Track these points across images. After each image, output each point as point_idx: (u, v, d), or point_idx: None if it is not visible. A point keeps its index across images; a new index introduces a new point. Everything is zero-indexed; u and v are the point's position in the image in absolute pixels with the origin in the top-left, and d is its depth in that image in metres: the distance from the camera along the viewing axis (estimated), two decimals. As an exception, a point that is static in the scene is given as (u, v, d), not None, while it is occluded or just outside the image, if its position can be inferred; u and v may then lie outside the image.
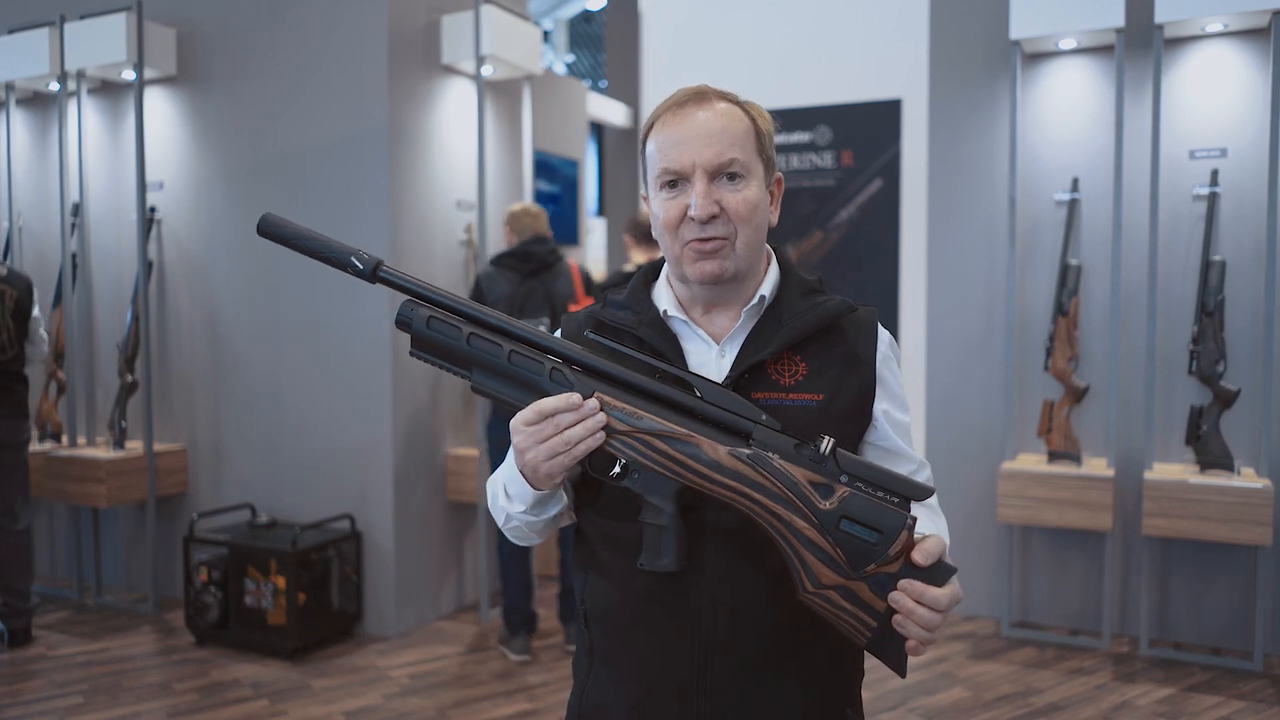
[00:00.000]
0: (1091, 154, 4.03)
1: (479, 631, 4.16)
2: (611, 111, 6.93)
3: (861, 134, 6.03)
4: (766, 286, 1.24)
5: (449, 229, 4.45)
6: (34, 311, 4.06)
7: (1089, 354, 4.03)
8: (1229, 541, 3.57)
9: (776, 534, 1.07)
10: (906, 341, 5.49)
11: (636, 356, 1.14)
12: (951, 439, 4.29)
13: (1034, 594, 4.20)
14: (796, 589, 1.08)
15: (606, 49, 7.53)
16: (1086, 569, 4.09)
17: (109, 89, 4.69)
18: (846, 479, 1.07)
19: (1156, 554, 3.93)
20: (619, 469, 1.13)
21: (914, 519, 1.06)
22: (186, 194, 4.51)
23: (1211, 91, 3.83)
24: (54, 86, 4.70)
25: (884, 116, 5.96)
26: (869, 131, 6.01)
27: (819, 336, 1.22)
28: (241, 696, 3.48)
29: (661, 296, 1.27)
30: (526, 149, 4.79)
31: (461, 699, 3.47)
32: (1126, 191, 3.89)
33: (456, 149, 4.45)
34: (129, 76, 4.47)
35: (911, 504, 1.08)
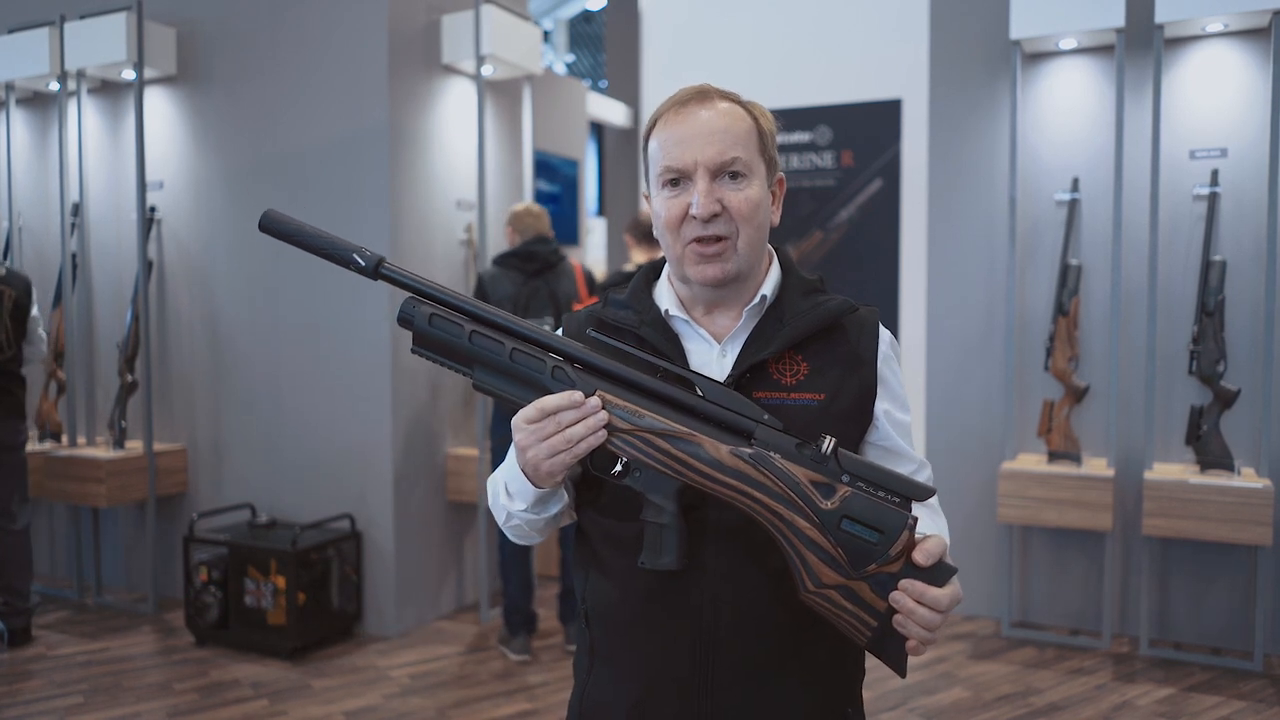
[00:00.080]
0: (1091, 154, 4.03)
1: (479, 631, 4.16)
2: (611, 111, 6.93)
3: (861, 134, 6.03)
4: (768, 286, 1.24)
5: (449, 229, 4.45)
6: (32, 311, 4.06)
7: (1089, 354, 4.03)
8: (1229, 541, 3.57)
9: (778, 533, 1.07)
10: (907, 341, 5.49)
11: (639, 355, 1.14)
12: (951, 439, 4.29)
13: (1034, 594, 4.20)
14: (797, 588, 1.08)
15: (606, 49, 7.53)
16: (1086, 569, 4.09)
17: (109, 89, 4.69)
18: (848, 479, 1.07)
19: (1156, 554, 3.94)
20: (620, 467, 1.13)
21: (915, 519, 1.06)
22: (186, 194, 4.51)
23: (1211, 91, 3.83)
24: (54, 86, 4.70)
25: (884, 116, 5.97)
26: (869, 131, 6.01)
27: (820, 336, 1.22)
28: (241, 696, 3.48)
29: (663, 296, 1.27)
30: (526, 149, 4.79)
31: (461, 699, 3.47)
32: (1126, 191, 3.90)
33: (456, 149, 4.45)
34: (129, 76, 4.47)
35: (912, 504, 1.08)
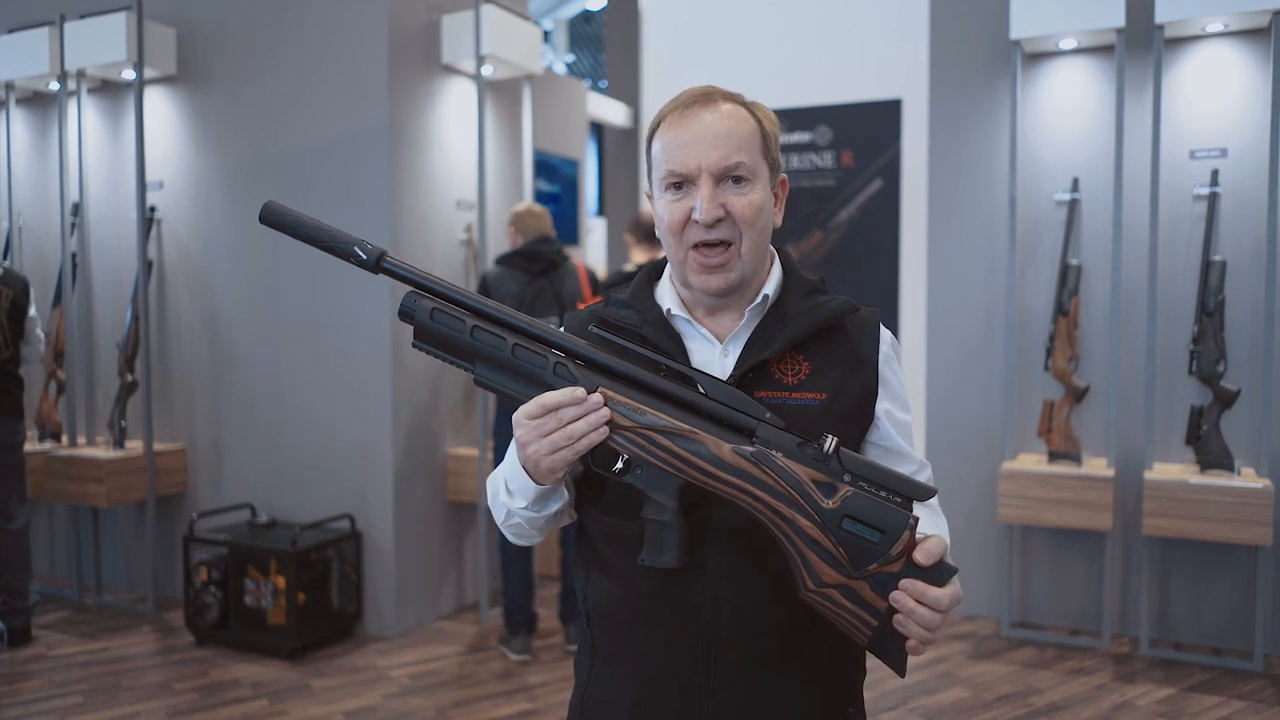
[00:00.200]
0: (1091, 154, 4.03)
1: (479, 631, 4.16)
2: (611, 111, 6.93)
3: (861, 134, 6.03)
4: (770, 286, 1.24)
5: (449, 229, 4.45)
6: (30, 311, 4.05)
7: (1089, 354, 4.03)
8: (1229, 541, 3.57)
9: (779, 532, 1.07)
10: (907, 341, 5.49)
11: (641, 353, 1.14)
12: (951, 439, 4.29)
13: (1034, 594, 4.20)
14: (798, 587, 1.08)
15: (606, 49, 7.53)
16: (1086, 569, 4.09)
17: (109, 88, 4.68)
18: (849, 478, 1.07)
19: (1156, 554, 3.94)
20: (621, 464, 1.13)
21: (916, 519, 1.06)
22: (186, 194, 4.51)
23: (1211, 91, 3.83)
24: (54, 86, 4.70)
25: (884, 116, 5.97)
26: (869, 131, 6.01)
27: (822, 336, 1.22)
28: (241, 696, 3.48)
29: (664, 296, 1.27)
30: (526, 149, 4.79)
31: (461, 699, 3.47)
32: (1126, 191, 3.90)
33: (456, 149, 4.45)
34: (129, 76, 4.47)
35: (913, 504, 1.08)
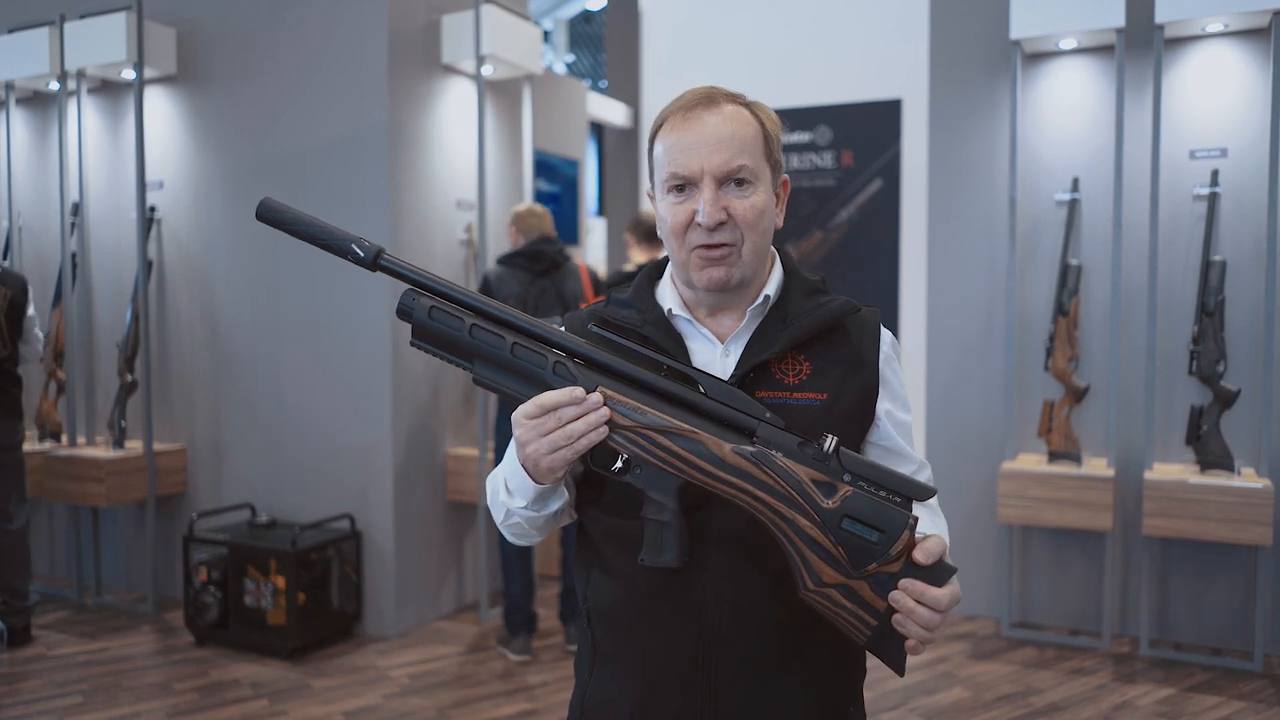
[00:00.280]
0: (1091, 154, 4.03)
1: (479, 631, 4.16)
2: (611, 111, 6.93)
3: (861, 134, 6.03)
4: (771, 286, 1.24)
5: (449, 229, 4.45)
6: (29, 310, 4.05)
7: (1089, 354, 4.03)
8: (1229, 541, 3.57)
9: (779, 531, 1.07)
10: (907, 341, 5.49)
11: (642, 352, 1.14)
12: (951, 439, 4.29)
13: (1034, 594, 4.20)
14: (798, 587, 1.08)
15: (606, 49, 7.53)
16: (1086, 569, 4.09)
17: (109, 88, 4.68)
18: (849, 478, 1.07)
19: (1156, 554, 3.94)
20: (621, 464, 1.13)
21: (916, 519, 1.06)
22: (186, 194, 4.51)
23: (1211, 91, 3.83)
24: (54, 86, 4.70)
25: (884, 116, 5.97)
26: (869, 131, 6.01)
27: (823, 336, 1.22)
28: (241, 696, 3.48)
29: (666, 296, 1.27)
30: (526, 149, 4.79)
31: (461, 699, 3.47)
32: (1126, 191, 3.90)
33: (456, 149, 4.45)
34: (129, 76, 4.47)
35: (912, 504, 1.08)
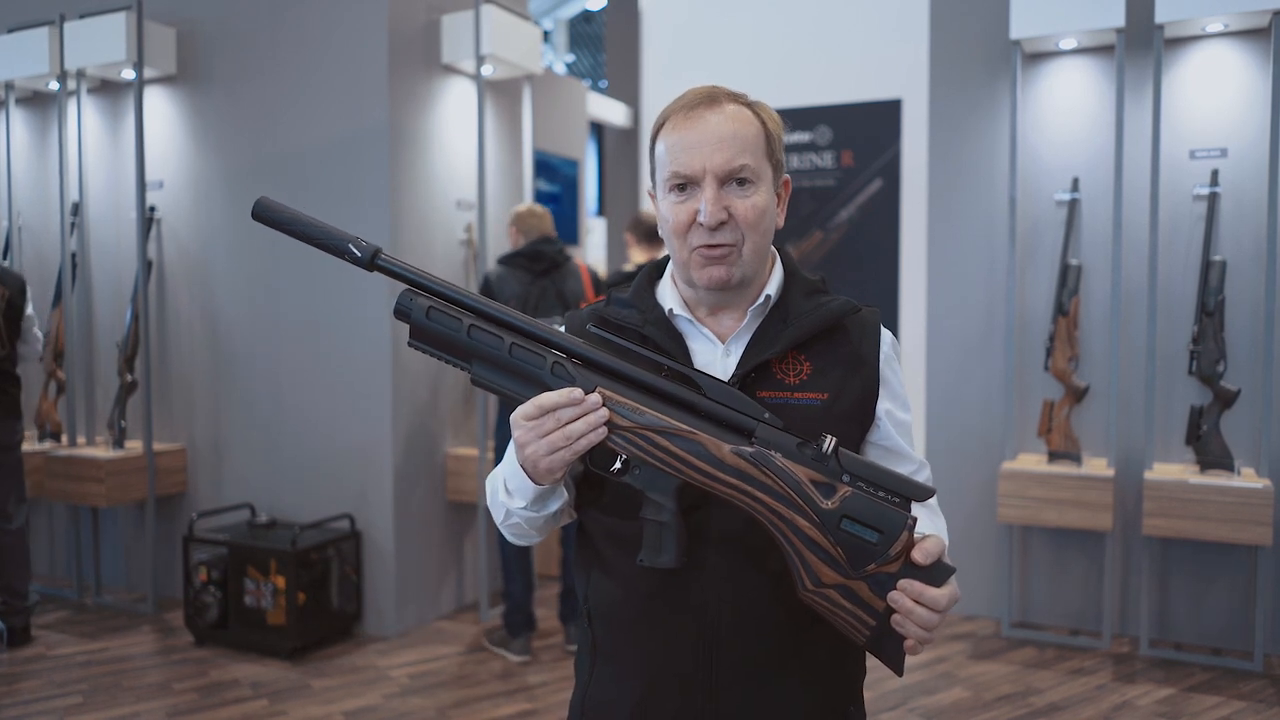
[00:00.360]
0: (1091, 154, 4.03)
1: (479, 631, 4.16)
2: (611, 111, 6.93)
3: (861, 134, 6.03)
4: (771, 286, 1.24)
5: (449, 229, 4.45)
6: (27, 310, 4.05)
7: (1089, 354, 4.03)
8: (1229, 541, 3.57)
9: (778, 532, 1.07)
10: (906, 341, 5.49)
11: (641, 353, 1.14)
12: (951, 439, 4.29)
13: (1034, 594, 4.20)
14: (796, 587, 1.08)
15: (606, 49, 7.53)
16: (1086, 569, 4.09)
17: (109, 88, 4.68)
18: (848, 478, 1.07)
19: (1156, 554, 3.93)
20: (620, 464, 1.13)
21: (914, 519, 1.06)
22: (186, 193, 4.51)
23: (1211, 91, 3.83)
24: (54, 86, 4.70)
25: (884, 116, 5.97)
26: (869, 131, 6.01)
27: (823, 336, 1.22)
28: (241, 696, 3.48)
29: (666, 295, 1.27)
30: (526, 149, 4.79)
31: (461, 699, 3.47)
32: (1126, 191, 3.89)
33: (456, 149, 4.45)
34: (129, 76, 4.47)
35: (911, 504, 1.08)
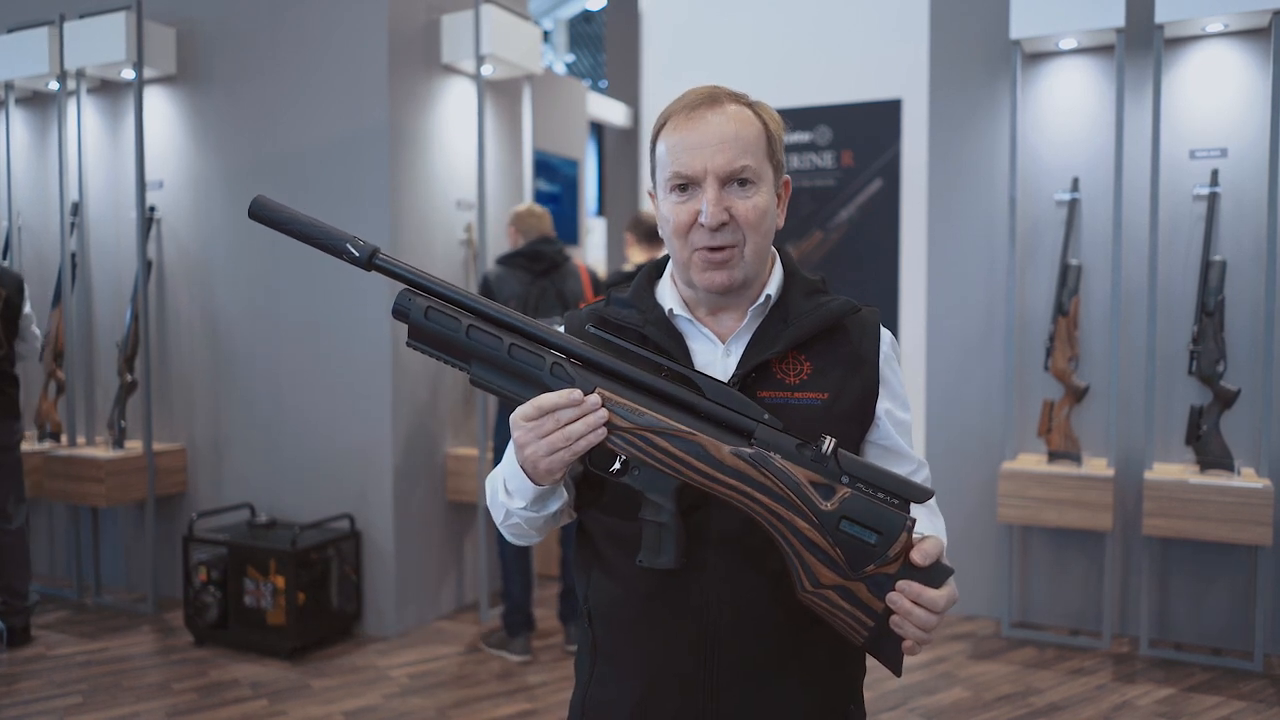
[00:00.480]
0: (1091, 154, 4.03)
1: (479, 631, 4.16)
2: (611, 111, 6.92)
3: (861, 134, 6.03)
4: (771, 286, 1.24)
5: (449, 229, 4.45)
6: (25, 309, 4.05)
7: (1089, 354, 4.03)
8: (1229, 541, 3.57)
9: (777, 533, 1.07)
10: (906, 341, 5.49)
11: (641, 353, 1.14)
12: (951, 439, 4.28)
13: (1034, 594, 4.20)
14: (795, 588, 1.08)
15: (606, 49, 7.53)
16: (1086, 569, 4.09)
17: (108, 88, 4.68)
18: (847, 480, 1.07)
19: (1156, 554, 3.93)
20: (619, 465, 1.13)
21: (913, 520, 1.06)
22: (186, 193, 4.51)
23: (1211, 91, 3.83)
24: (53, 86, 4.70)
25: (884, 116, 5.96)
26: (869, 131, 6.01)
27: (823, 336, 1.22)
28: (241, 696, 3.48)
29: (666, 295, 1.27)
30: (526, 149, 4.79)
31: (461, 699, 3.47)
32: (1126, 191, 3.89)
33: (456, 149, 4.45)
34: (129, 76, 4.47)
35: (910, 505, 1.08)
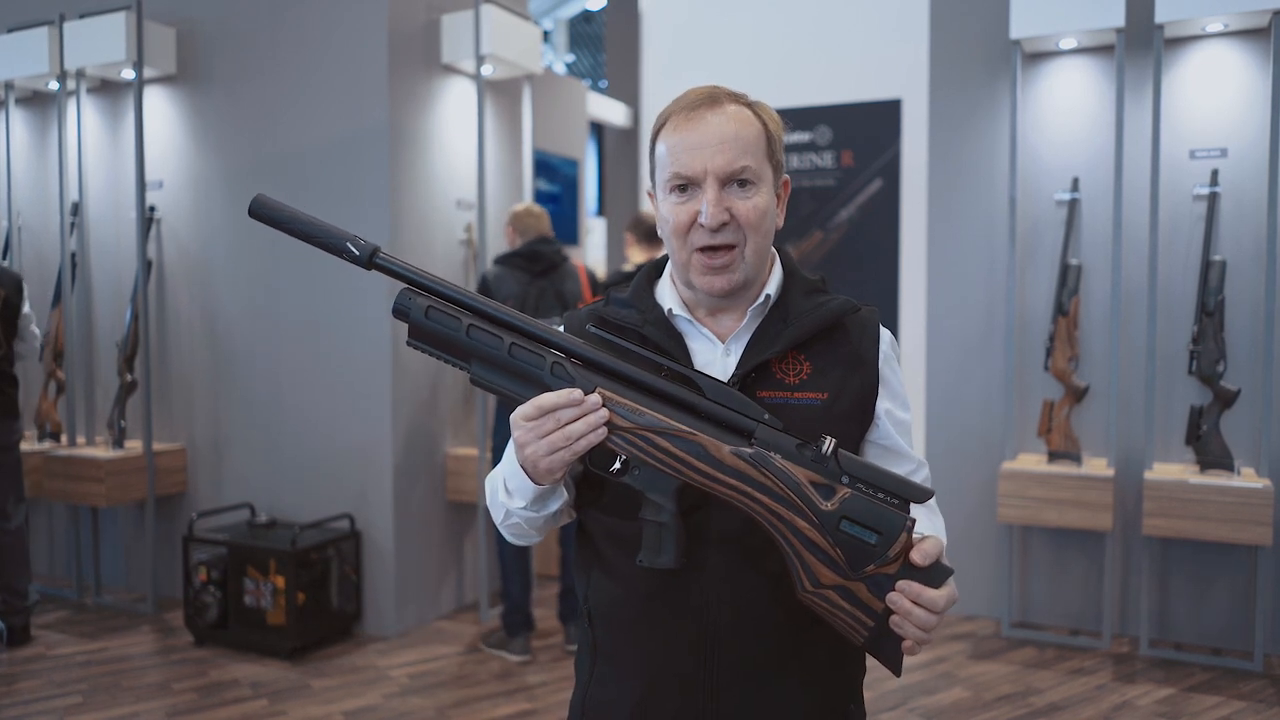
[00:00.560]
0: (1091, 154, 4.03)
1: (479, 631, 4.16)
2: (611, 111, 6.92)
3: (861, 134, 6.03)
4: (771, 286, 1.24)
5: (449, 229, 4.45)
6: (24, 308, 4.05)
7: (1089, 354, 4.03)
8: (1229, 541, 3.57)
9: (777, 533, 1.07)
10: (906, 341, 5.49)
11: (641, 353, 1.13)
12: (951, 439, 4.28)
13: (1034, 594, 4.20)
14: (795, 588, 1.08)
15: (606, 49, 7.53)
16: (1086, 569, 4.09)
17: (108, 88, 4.68)
18: (847, 480, 1.07)
19: (1156, 554, 3.93)
20: (619, 465, 1.13)
21: (913, 521, 1.06)
22: (186, 193, 4.51)
23: (1211, 91, 3.83)
24: (53, 85, 4.70)
25: (884, 116, 5.96)
26: (869, 131, 6.01)
27: (823, 336, 1.22)
28: (240, 696, 3.48)
29: (665, 295, 1.26)
30: (526, 149, 4.79)
31: (461, 699, 3.47)
32: (1126, 191, 3.89)
33: (456, 149, 4.45)
34: (128, 76, 4.47)
35: (910, 505, 1.08)
